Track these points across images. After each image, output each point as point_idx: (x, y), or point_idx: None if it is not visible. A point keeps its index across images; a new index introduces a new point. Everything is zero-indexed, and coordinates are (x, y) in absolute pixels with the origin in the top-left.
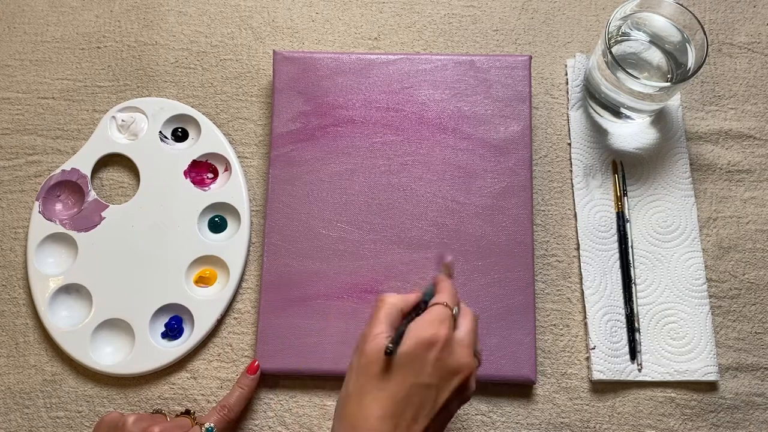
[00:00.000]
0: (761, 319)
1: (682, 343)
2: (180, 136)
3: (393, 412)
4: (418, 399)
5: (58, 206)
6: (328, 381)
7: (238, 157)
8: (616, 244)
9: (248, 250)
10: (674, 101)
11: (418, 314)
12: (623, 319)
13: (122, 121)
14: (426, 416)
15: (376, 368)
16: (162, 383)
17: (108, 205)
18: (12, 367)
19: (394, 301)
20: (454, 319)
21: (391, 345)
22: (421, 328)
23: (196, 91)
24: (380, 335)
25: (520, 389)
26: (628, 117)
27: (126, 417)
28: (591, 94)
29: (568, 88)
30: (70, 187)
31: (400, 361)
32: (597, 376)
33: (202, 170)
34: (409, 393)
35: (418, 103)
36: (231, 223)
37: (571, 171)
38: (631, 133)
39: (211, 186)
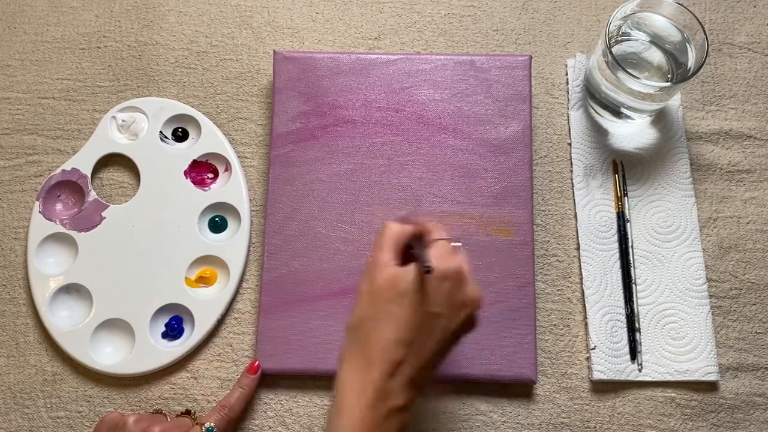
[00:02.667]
0: (761, 319)
1: (682, 343)
2: (180, 136)
3: (405, 337)
4: (429, 327)
5: (59, 206)
6: (328, 381)
7: (239, 157)
8: (616, 244)
9: (248, 250)
10: (674, 101)
11: (413, 248)
12: (623, 319)
13: (122, 121)
14: (435, 343)
15: (390, 294)
16: (162, 383)
17: (108, 205)
18: (12, 367)
19: (399, 230)
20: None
21: (429, 266)
22: (434, 261)
23: (196, 91)
24: (389, 263)
25: (520, 389)
26: (628, 117)
27: (126, 417)
28: (591, 94)
29: (568, 88)
30: (70, 187)
31: (413, 289)
32: (597, 376)
33: (202, 170)
34: (422, 320)
35: (418, 103)
36: (231, 223)
37: (571, 171)
38: (632, 133)
39: (212, 186)
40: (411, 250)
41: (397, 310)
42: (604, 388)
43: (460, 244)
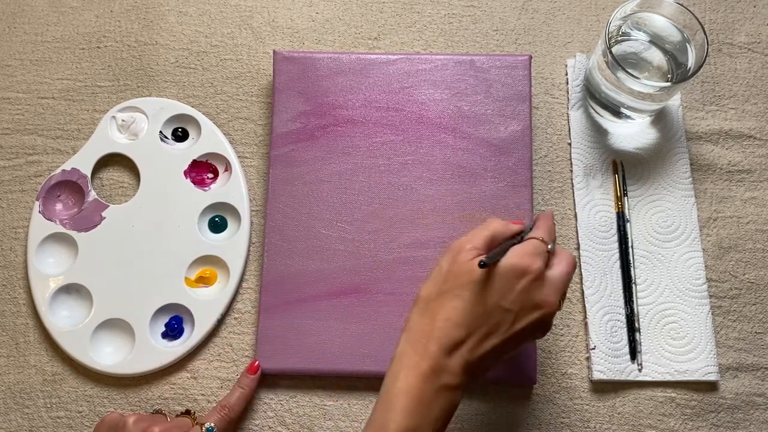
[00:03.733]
0: (761, 319)
1: (682, 343)
2: (180, 136)
3: (469, 323)
4: (495, 320)
5: (59, 206)
6: (328, 381)
7: (238, 157)
8: (616, 244)
9: (248, 250)
10: (674, 101)
11: (514, 244)
12: (623, 319)
13: (122, 121)
14: (497, 337)
15: (465, 279)
16: (162, 383)
17: (108, 205)
18: (12, 367)
19: (498, 227)
20: (548, 256)
21: (485, 260)
22: (516, 256)
23: (196, 91)
24: (475, 250)
25: (520, 389)
26: (628, 117)
27: (126, 417)
28: (591, 93)
29: (568, 88)
30: (70, 187)
31: (488, 279)
32: (597, 376)
33: (202, 170)
34: (489, 311)
35: (418, 103)
36: (231, 223)
37: (571, 171)
38: (632, 133)
39: (212, 186)
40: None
41: (466, 294)
42: (604, 388)
43: (551, 246)
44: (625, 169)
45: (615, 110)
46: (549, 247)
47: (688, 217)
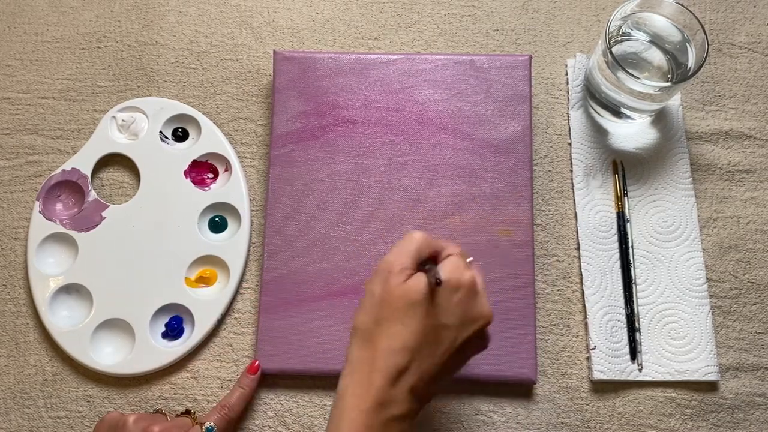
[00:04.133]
0: (761, 319)
1: (682, 343)
2: (180, 136)
3: (412, 346)
4: (437, 337)
5: (59, 206)
6: (328, 381)
7: (239, 157)
8: (616, 244)
9: (248, 250)
10: (674, 101)
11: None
12: (624, 319)
13: (122, 121)
14: (441, 355)
15: (401, 303)
16: (162, 383)
17: (108, 205)
18: (12, 367)
19: (425, 241)
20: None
21: (439, 278)
22: (446, 272)
23: (196, 91)
24: (405, 271)
25: (520, 389)
26: (628, 117)
27: (126, 417)
28: (591, 94)
29: (568, 88)
30: (70, 187)
31: (424, 299)
32: (597, 376)
33: (202, 170)
34: (429, 331)
35: (418, 103)
36: (231, 223)
37: (571, 171)
38: (632, 133)
39: (212, 186)
40: (424, 266)
41: (406, 318)
42: (604, 388)
43: (471, 258)
44: (625, 169)
45: (615, 110)
46: (468, 260)
47: (688, 217)
